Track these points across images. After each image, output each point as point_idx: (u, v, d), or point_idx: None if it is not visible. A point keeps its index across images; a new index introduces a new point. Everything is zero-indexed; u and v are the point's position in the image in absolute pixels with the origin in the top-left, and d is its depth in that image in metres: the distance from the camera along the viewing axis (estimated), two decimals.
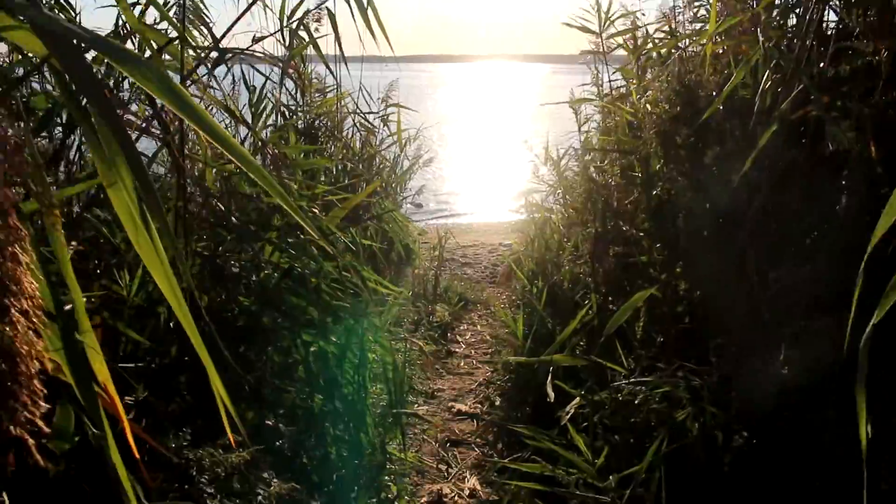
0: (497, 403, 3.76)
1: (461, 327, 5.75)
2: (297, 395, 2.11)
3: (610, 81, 3.91)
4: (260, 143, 2.56)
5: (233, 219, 2.18)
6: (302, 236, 2.26)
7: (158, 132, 2.21)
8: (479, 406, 3.87)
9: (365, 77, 5.57)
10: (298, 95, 5.27)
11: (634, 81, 3.25)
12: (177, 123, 2.21)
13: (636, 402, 2.11)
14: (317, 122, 5.25)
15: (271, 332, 2.12)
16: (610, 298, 3.23)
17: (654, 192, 2.89)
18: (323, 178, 4.60)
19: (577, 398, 2.20)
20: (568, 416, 2.14)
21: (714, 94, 2.88)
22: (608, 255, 3.35)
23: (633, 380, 2.23)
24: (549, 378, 2.24)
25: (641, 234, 3.30)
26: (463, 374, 4.59)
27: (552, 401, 2.18)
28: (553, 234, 3.87)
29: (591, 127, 5.15)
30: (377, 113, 5.53)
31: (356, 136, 5.69)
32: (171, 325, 2.22)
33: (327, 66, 4.50)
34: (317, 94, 5.44)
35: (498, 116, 28.11)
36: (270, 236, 2.23)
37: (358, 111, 5.48)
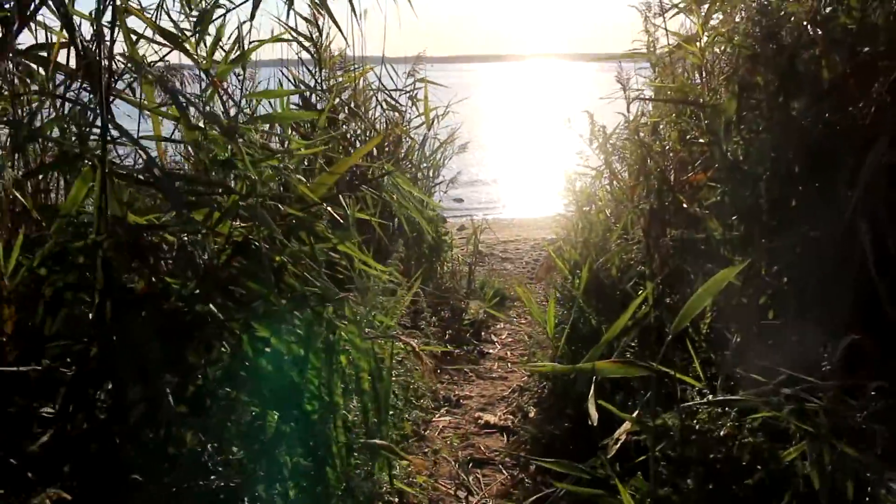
0: (531, 415, 3.13)
1: (497, 325, 5.13)
2: (240, 412, 1.55)
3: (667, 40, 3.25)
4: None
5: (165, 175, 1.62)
6: (265, 203, 1.69)
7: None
8: (511, 418, 3.24)
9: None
10: (318, 72, 4.74)
11: (697, 21, 2.60)
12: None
13: (719, 431, 1.48)
14: (336, 100, 4.70)
15: (216, 325, 1.57)
16: (668, 289, 2.58)
17: (726, 151, 2.24)
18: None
19: (629, 422, 1.58)
20: (616, 447, 1.53)
21: (806, 25, 2.22)
22: (665, 236, 2.70)
23: (711, 398, 1.59)
24: (592, 392, 1.63)
25: (706, 210, 2.65)
26: (496, 378, 3.97)
27: (595, 423, 1.57)
28: (598, 214, 3.24)
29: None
30: (403, 90, 4.95)
31: (381, 116, 5.11)
32: (91, 316, 1.67)
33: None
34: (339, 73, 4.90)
35: (543, 111, 27.35)
36: (221, 201, 1.67)
37: (382, 88, 4.91)
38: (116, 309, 1.60)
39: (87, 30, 1.88)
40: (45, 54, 1.97)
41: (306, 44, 4.61)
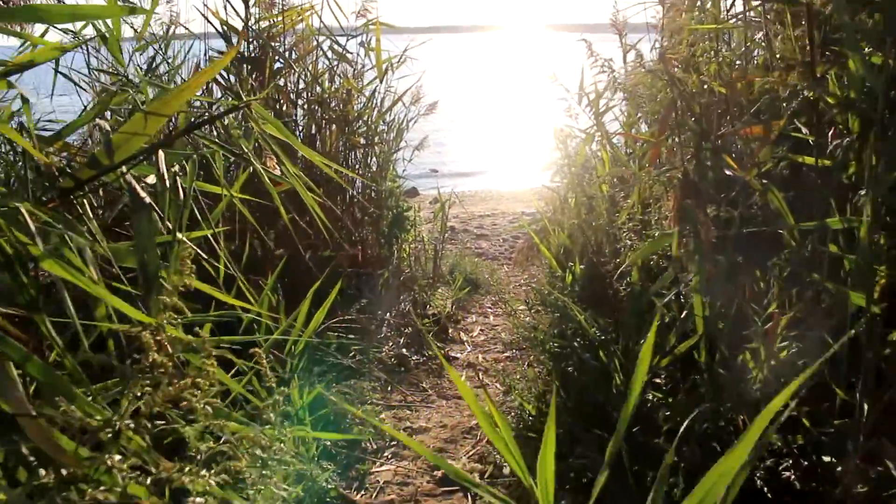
0: (506, 470, 2.19)
1: (468, 319, 4.20)
2: None
3: None
4: None
5: None
6: None
7: None
8: (479, 467, 2.32)
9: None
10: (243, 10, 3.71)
11: None
12: None
13: None
14: (265, 45, 3.68)
15: None
16: (711, 299, 1.65)
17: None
18: None
19: None
20: None
21: None
22: (704, 216, 1.76)
23: None
24: None
25: (765, 179, 1.71)
26: (461, 396, 3.04)
27: None
28: (601, 188, 2.29)
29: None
30: (352, 34, 3.93)
31: (326, 66, 4.08)
32: None
33: None
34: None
35: (517, 82, 26.12)
36: None
37: (326, 31, 3.87)
38: None
39: None
40: None
41: None
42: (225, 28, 3.74)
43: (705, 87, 1.85)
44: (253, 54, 3.76)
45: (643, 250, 1.67)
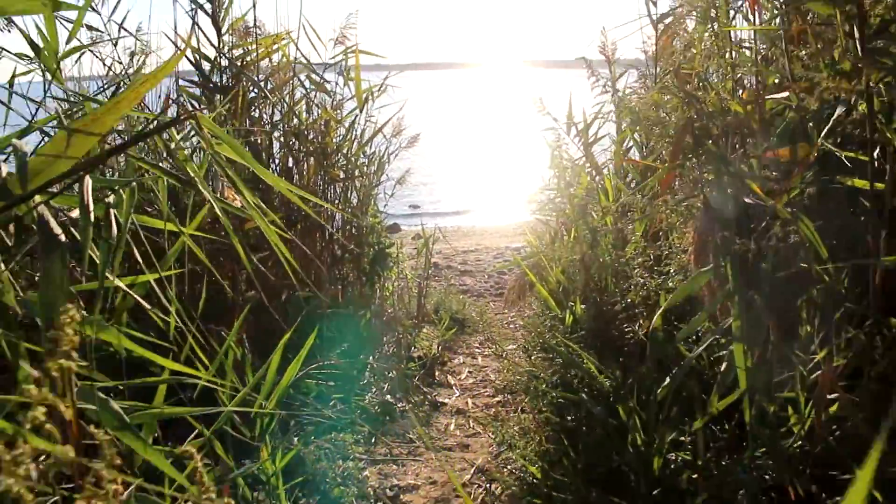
0: None
1: (455, 361, 3.95)
2: None
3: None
4: None
5: None
6: None
7: None
8: None
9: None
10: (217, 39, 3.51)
11: None
12: None
13: None
14: (239, 74, 3.48)
15: None
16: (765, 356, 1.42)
17: None
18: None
19: None
20: None
21: None
22: (738, 248, 1.55)
23: None
24: None
25: (792, 207, 1.51)
26: (453, 447, 2.79)
27: None
28: (606, 220, 2.07)
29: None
30: (328, 64, 3.73)
31: (304, 96, 3.88)
32: None
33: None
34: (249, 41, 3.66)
35: (498, 116, 26.11)
36: None
37: (303, 60, 3.67)
38: None
39: None
40: None
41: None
42: (196, 56, 3.53)
43: (723, 105, 1.66)
44: (227, 84, 3.56)
45: (678, 293, 1.43)
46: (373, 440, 2.74)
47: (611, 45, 3.63)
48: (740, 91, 1.82)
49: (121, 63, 3.36)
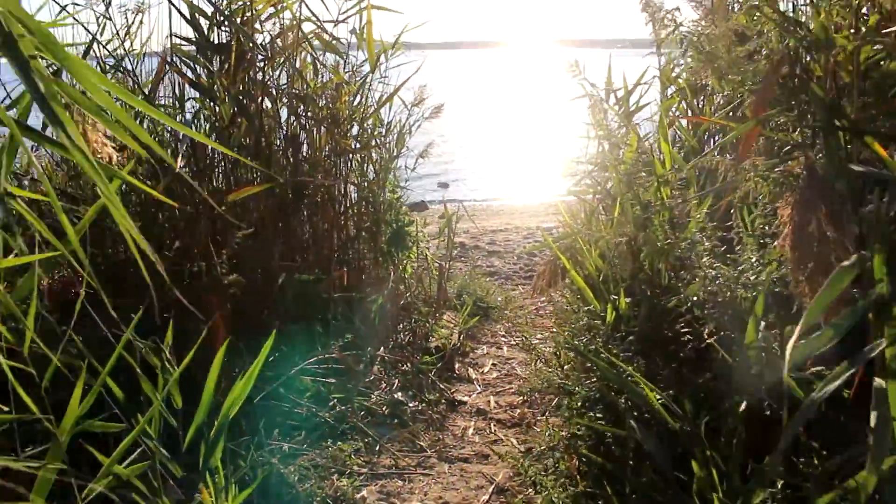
0: None
1: (478, 351, 3.54)
2: None
3: None
4: None
5: None
6: None
7: None
8: None
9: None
10: None
11: None
12: None
13: None
14: (238, 30, 3.07)
15: None
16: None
17: None
18: None
19: None
20: None
21: None
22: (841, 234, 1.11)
23: None
24: None
25: None
26: (469, 457, 2.39)
27: None
28: (661, 192, 1.62)
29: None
30: (338, 20, 3.30)
31: (313, 60, 3.46)
32: None
33: None
34: None
35: (527, 96, 25.36)
36: None
37: (312, 18, 3.25)
38: None
39: None
40: None
41: None
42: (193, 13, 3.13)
43: (831, 38, 1.20)
44: (226, 42, 3.16)
45: (820, 299, 0.98)
46: (377, 449, 2.35)
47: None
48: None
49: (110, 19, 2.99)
